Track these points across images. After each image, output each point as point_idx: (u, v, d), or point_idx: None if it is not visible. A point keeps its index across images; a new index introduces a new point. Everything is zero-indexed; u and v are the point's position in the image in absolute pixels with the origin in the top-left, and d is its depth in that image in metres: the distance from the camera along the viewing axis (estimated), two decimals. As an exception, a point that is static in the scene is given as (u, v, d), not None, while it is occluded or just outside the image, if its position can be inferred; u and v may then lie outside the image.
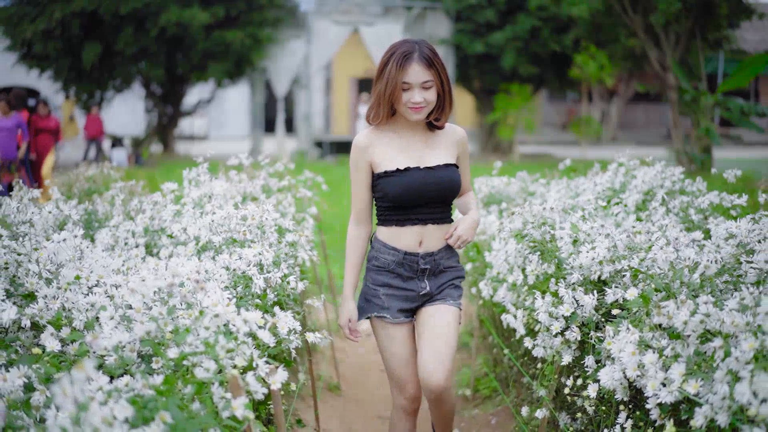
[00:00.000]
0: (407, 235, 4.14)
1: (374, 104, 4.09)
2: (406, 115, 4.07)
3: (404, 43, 4.02)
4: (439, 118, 4.14)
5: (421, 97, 3.99)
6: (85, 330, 3.46)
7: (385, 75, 3.98)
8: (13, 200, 4.81)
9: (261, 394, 3.25)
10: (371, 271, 4.24)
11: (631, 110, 45.13)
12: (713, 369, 2.97)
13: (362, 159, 4.15)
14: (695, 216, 5.57)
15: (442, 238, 4.18)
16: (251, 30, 28.12)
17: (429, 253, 4.16)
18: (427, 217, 4.14)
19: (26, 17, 26.46)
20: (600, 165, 7.20)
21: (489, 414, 6.02)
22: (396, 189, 4.07)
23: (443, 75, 4.05)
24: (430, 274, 4.19)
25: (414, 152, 4.14)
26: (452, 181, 4.14)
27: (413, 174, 4.08)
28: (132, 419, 2.55)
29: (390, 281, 4.18)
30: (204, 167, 6.01)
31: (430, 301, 4.22)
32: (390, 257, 4.16)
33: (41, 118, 15.87)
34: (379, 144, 4.14)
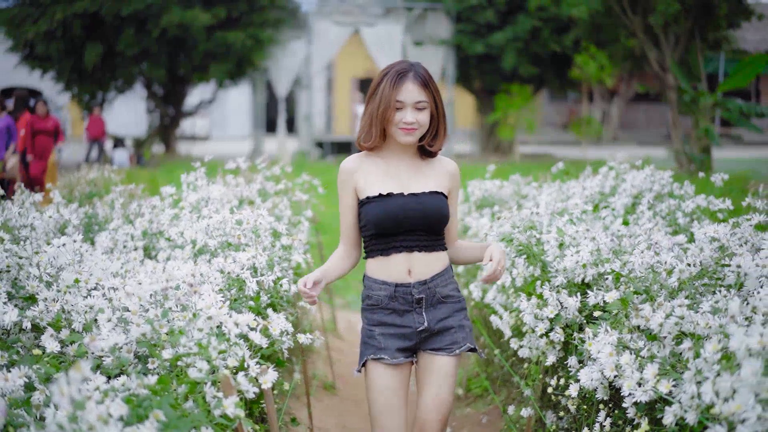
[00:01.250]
0: (395, 264, 3.87)
1: (365, 124, 3.88)
2: (396, 136, 3.85)
3: (400, 63, 3.88)
4: (432, 143, 3.93)
5: (413, 118, 3.80)
6: (83, 332, 3.58)
7: (379, 93, 3.81)
8: (15, 205, 4.92)
9: (252, 393, 3.39)
10: (366, 311, 3.97)
11: (632, 110, 45.21)
12: (686, 369, 3.10)
13: (348, 184, 3.94)
14: (682, 219, 5.68)
15: (433, 265, 3.91)
16: (252, 31, 28.25)
17: (421, 281, 3.88)
18: (413, 244, 3.88)
19: (28, 18, 26.62)
20: (592, 168, 7.31)
21: (480, 413, 6.15)
22: (375, 215, 3.84)
23: (438, 99, 3.88)
24: (427, 305, 3.89)
25: (400, 179, 3.92)
26: (438, 209, 3.89)
27: (395, 200, 3.85)
28: (127, 417, 2.68)
29: (384, 318, 3.90)
30: (201, 171, 6.14)
31: (432, 344, 3.91)
32: (382, 292, 3.89)
33: (39, 119, 15.62)
34: (366, 169, 3.93)
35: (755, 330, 2.58)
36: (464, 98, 36.77)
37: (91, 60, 26.74)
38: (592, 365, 3.65)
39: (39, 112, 15.59)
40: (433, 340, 3.91)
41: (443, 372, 3.90)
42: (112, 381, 2.88)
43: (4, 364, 3.40)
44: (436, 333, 3.90)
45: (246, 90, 39.80)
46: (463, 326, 3.94)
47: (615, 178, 6.73)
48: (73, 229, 5.56)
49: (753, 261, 3.78)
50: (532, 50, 30.34)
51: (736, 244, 4.52)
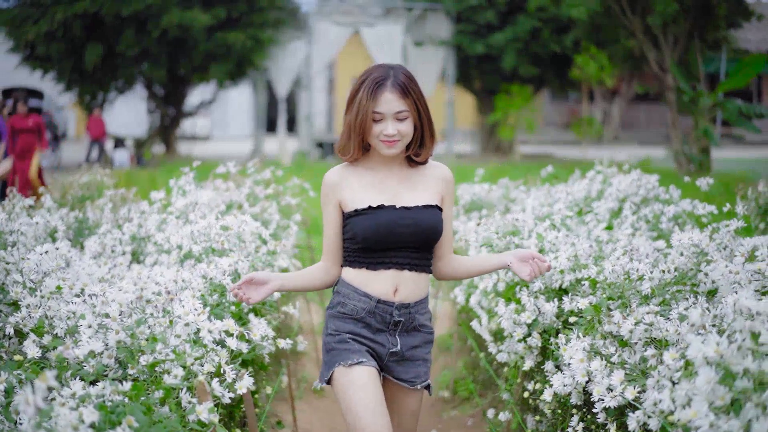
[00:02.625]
0: (380, 280, 3.61)
1: (344, 136, 3.63)
2: (378, 149, 3.59)
3: (378, 68, 3.60)
4: (419, 153, 3.66)
5: (394, 129, 3.52)
6: (66, 337, 3.64)
7: (356, 104, 3.55)
8: (3, 210, 4.98)
9: (227, 398, 3.46)
10: (335, 318, 3.67)
11: (633, 110, 45.26)
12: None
13: (331, 196, 3.67)
14: (665, 224, 5.74)
15: (420, 288, 3.67)
16: (252, 31, 28.33)
17: (404, 304, 3.63)
18: (403, 262, 3.62)
19: (29, 19, 26.72)
20: (580, 171, 7.37)
21: (466, 416, 6.22)
22: (365, 229, 3.57)
23: (420, 105, 3.58)
24: (402, 330, 3.66)
25: (389, 190, 3.65)
26: (432, 224, 3.63)
27: (386, 213, 3.58)
28: (99, 423, 2.75)
29: (357, 330, 3.62)
30: (190, 176, 6.21)
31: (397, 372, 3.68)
32: (360, 304, 3.61)
33: (19, 118, 15.17)
34: (351, 181, 3.66)
35: (712, 339, 2.64)
36: (464, 98, 36.84)
37: (92, 60, 26.83)
38: (565, 371, 3.72)
39: (19, 111, 15.25)
40: (399, 368, 3.68)
41: (409, 410, 3.75)
42: (88, 387, 2.95)
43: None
44: (404, 360, 3.68)
45: (247, 90, 39.92)
46: (426, 361, 3.74)
47: (602, 182, 6.78)
48: (63, 233, 5.63)
49: (726, 267, 3.84)
50: (532, 50, 30.40)
51: (714, 249, 4.60)
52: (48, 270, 3.99)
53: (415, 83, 3.60)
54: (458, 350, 7.16)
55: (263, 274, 3.63)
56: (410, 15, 31.43)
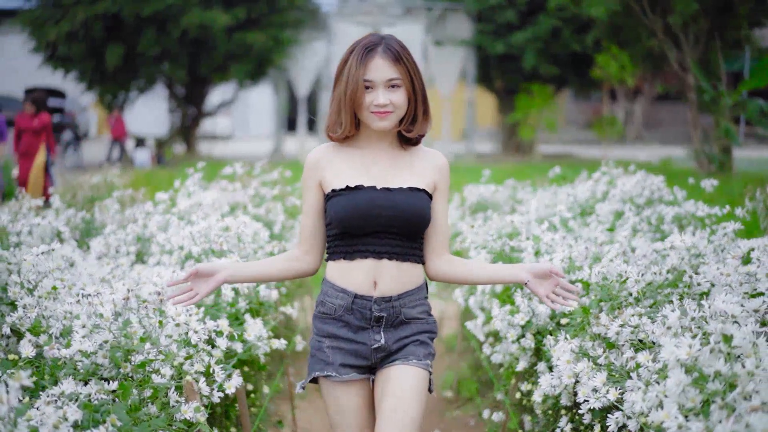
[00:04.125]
0: (358, 272, 3.33)
1: (333, 111, 3.37)
2: (368, 122, 3.32)
3: (369, 36, 3.35)
4: (410, 129, 3.37)
5: (386, 99, 3.25)
6: (61, 337, 3.70)
7: (345, 73, 3.30)
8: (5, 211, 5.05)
9: (216, 397, 3.51)
10: (316, 319, 3.43)
11: (656, 109, 45.07)
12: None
13: (312, 177, 3.41)
14: (667, 226, 5.75)
15: (404, 279, 3.37)
16: (272, 32, 28.41)
17: (385, 297, 3.33)
18: (381, 250, 3.32)
19: (51, 19, 26.93)
20: (590, 172, 7.37)
21: (469, 416, 6.25)
22: (338, 210, 3.29)
23: (414, 74, 3.32)
24: (387, 325, 3.36)
25: (375, 172, 3.37)
26: (415, 208, 3.32)
27: (364, 194, 3.30)
28: (83, 422, 2.81)
29: (336, 331, 3.36)
30: (196, 177, 6.27)
31: (388, 361, 3.39)
32: (338, 301, 3.35)
33: (25, 118, 14.88)
34: (334, 160, 3.39)
35: (685, 341, 2.67)
36: (485, 98, 36.82)
37: (113, 60, 26.99)
38: (553, 372, 3.75)
39: (25, 111, 14.97)
40: (390, 357, 3.38)
41: (407, 384, 3.33)
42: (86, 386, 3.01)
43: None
44: (395, 351, 3.37)
45: (268, 90, 40.03)
46: (425, 343, 3.41)
47: (608, 183, 6.79)
48: (68, 235, 5.70)
49: (718, 270, 3.85)
50: (553, 50, 30.34)
51: (711, 251, 4.62)
52: (46, 270, 4.04)
53: (409, 53, 3.33)
54: (462, 351, 7.20)
55: (209, 265, 3.37)
56: (430, 15, 31.45)
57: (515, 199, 7.54)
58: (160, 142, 29.87)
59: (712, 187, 6.11)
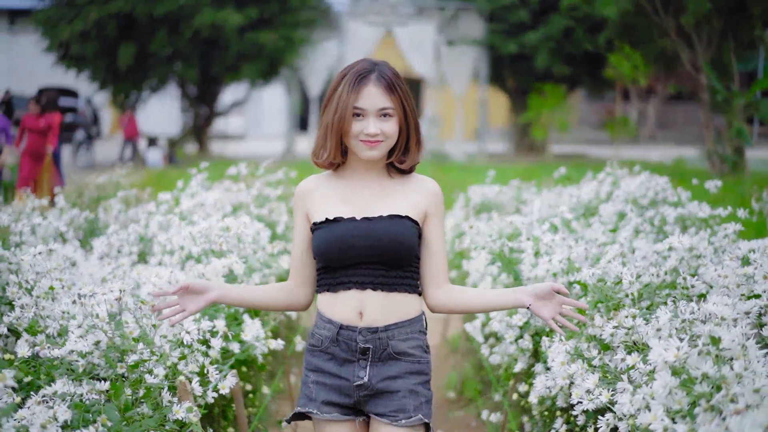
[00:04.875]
0: (342, 302, 3.18)
1: (320, 137, 3.22)
2: (356, 150, 3.17)
3: (361, 62, 3.21)
4: (402, 160, 3.24)
5: (376, 128, 3.12)
6: (59, 337, 3.72)
7: (335, 99, 3.15)
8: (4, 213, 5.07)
9: (210, 397, 3.53)
10: (307, 352, 3.31)
11: (669, 109, 44.96)
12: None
13: (300, 209, 3.31)
14: (670, 227, 5.73)
15: (393, 310, 3.19)
16: (284, 31, 28.46)
17: (371, 328, 3.16)
18: (364, 280, 3.17)
19: (63, 19, 27.07)
20: (593, 173, 7.37)
21: (471, 416, 6.25)
22: (319, 244, 3.19)
23: (407, 104, 3.20)
24: (374, 358, 3.17)
25: (358, 202, 3.23)
26: (395, 236, 3.16)
27: (342, 225, 3.17)
28: (73, 422, 2.82)
29: (322, 365, 3.22)
30: (199, 178, 6.29)
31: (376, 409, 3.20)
32: (325, 332, 3.21)
33: (31, 118, 14.61)
34: (321, 192, 3.27)
35: (673, 343, 2.66)
36: (497, 98, 36.78)
37: (125, 60, 27.08)
38: (548, 373, 3.75)
39: (30, 111, 14.69)
40: (375, 402, 3.19)
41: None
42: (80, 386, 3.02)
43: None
44: (379, 394, 3.18)
45: (281, 89, 40.08)
46: (416, 393, 3.19)
47: (612, 184, 6.78)
48: (72, 235, 5.73)
49: (716, 271, 3.85)
50: (566, 50, 30.29)
51: (712, 252, 4.61)
52: (43, 270, 4.06)
53: (402, 81, 3.21)
54: (465, 351, 7.20)
55: (201, 282, 3.21)
56: (443, 14, 31.43)
57: (520, 200, 7.53)
58: (172, 141, 29.93)
59: (717, 188, 6.10)
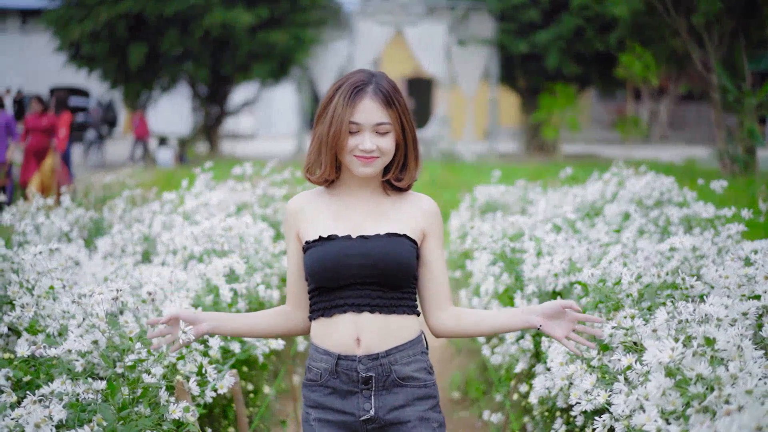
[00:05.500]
0: (338, 328, 2.98)
1: (313, 152, 3.05)
2: (351, 166, 3.01)
3: (357, 73, 3.05)
4: (400, 178, 3.08)
5: (372, 144, 2.95)
6: (59, 336, 3.73)
7: (330, 112, 2.98)
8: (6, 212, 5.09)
9: (209, 397, 3.53)
10: (305, 387, 3.08)
11: (682, 109, 44.81)
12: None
13: (291, 227, 3.12)
14: (675, 227, 5.72)
15: (392, 333, 2.99)
16: (295, 31, 28.47)
17: (371, 354, 2.97)
18: (361, 302, 2.97)
19: (74, 19, 27.15)
20: (599, 173, 7.36)
21: (475, 416, 6.24)
22: (311, 264, 3.00)
23: (405, 118, 3.03)
24: (378, 387, 2.97)
25: (353, 221, 3.06)
26: (393, 255, 2.98)
27: (336, 244, 2.99)
28: (68, 421, 2.83)
29: (324, 400, 3.01)
30: (204, 177, 6.30)
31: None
32: (322, 364, 3.00)
33: (34, 117, 14.50)
34: (313, 209, 3.09)
35: (668, 344, 2.66)
36: (508, 97, 36.73)
37: (136, 60, 27.14)
38: (547, 374, 3.75)
39: (34, 110, 14.60)
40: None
41: None
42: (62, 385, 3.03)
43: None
44: (388, 426, 2.99)
45: (292, 89, 40.13)
46: (427, 420, 3.01)
47: (618, 184, 6.77)
48: (76, 234, 5.75)
49: (717, 272, 3.84)
50: (576, 49, 30.22)
51: (715, 253, 4.60)
52: (44, 270, 4.06)
53: (401, 95, 3.03)
54: (470, 351, 7.19)
55: (190, 314, 3.04)
56: (453, 14, 31.39)
57: (526, 200, 7.52)
58: (182, 141, 29.99)
59: (722, 188, 6.08)
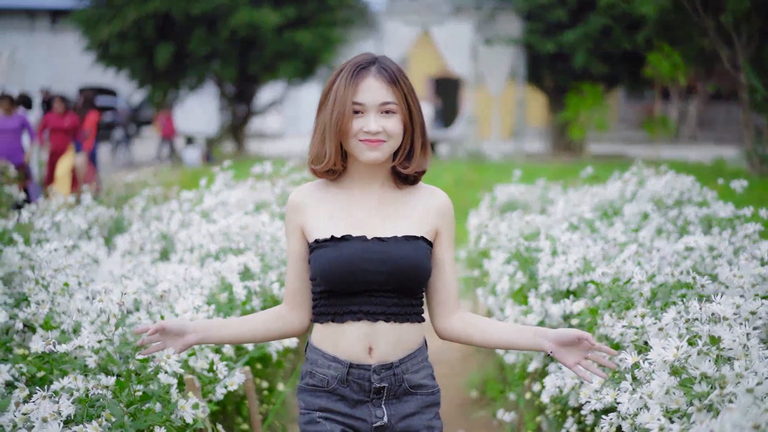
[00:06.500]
0: (350, 336, 2.82)
1: (317, 140, 2.87)
2: (356, 153, 2.82)
3: (361, 55, 2.92)
4: (406, 165, 2.88)
5: (378, 125, 2.77)
6: (74, 333, 3.76)
7: (332, 95, 2.83)
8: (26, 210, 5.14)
9: (220, 394, 3.56)
10: (305, 392, 2.90)
11: (711, 108, 44.53)
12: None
13: (293, 222, 2.91)
14: (693, 227, 5.70)
15: (404, 342, 2.86)
16: (321, 31, 28.54)
17: (385, 364, 2.83)
18: (376, 311, 2.81)
19: (103, 19, 27.41)
20: (619, 172, 7.33)
21: (493, 416, 6.24)
22: (323, 265, 2.80)
23: (412, 100, 2.84)
24: (389, 396, 2.86)
25: (365, 217, 2.87)
26: (413, 261, 2.83)
27: (351, 245, 2.80)
28: (77, 416, 2.86)
29: (331, 406, 2.85)
30: (223, 176, 6.33)
31: None
32: (330, 371, 2.84)
33: (55, 117, 14.34)
34: (318, 203, 2.89)
35: (672, 343, 2.66)
36: (535, 97, 36.64)
37: (163, 59, 27.32)
38: (558, 373, 3.75)
39: (56, 110, 14.43)
40: None
41: None
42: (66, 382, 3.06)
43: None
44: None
45: (319, 88, 40.17)
46: (431, 428, 2.93)
47: (638, 184, 6.74)
48: (96, 232, 5.80)
49: (731, 271, 3.82)
50: (604, 49, 30.09)
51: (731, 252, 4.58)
52: (59, 267, 4.10)
53: (406, 76, 2.87)
54: (488, 350, 7.17)
55: (178, 324, 2.89)
56: (480, 13, 31.34)
57: (546, 200, 7.51)
58: (210, 140, 30.13)
59: (742, 188, 6.05)
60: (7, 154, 13.12)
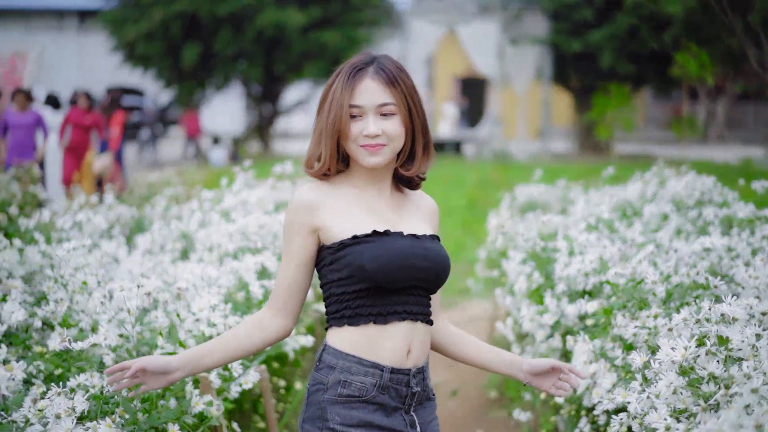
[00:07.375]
0: (393, 338, 2.68)
1: (314, 142, 2.77)
2: (357, 157, 2.72)
3: (360, 55, 2.79)
4: (408, 167, 2.79)
5: (377, 128, 2.67)
6: (92, 331, 3.81)
7: (329, 98, 2.72)
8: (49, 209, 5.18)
9: (234, 392, 3.59)
10: (337, 405, 2.66)
11: (739, 109, 44.21)
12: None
13: (304, 222, 2.72)
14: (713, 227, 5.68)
15: (428, 346, 2.79)
16: (347, 31, 28.60)
17: (419, 368, 2.74)
18: (416, 310, 2.71)
19: (130, 19, 27.62)
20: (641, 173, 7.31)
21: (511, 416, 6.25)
22: (374, 260, 2.62)
23: (413, 100, 2.74)
24: (416, 403, 2.75)
25: (387, 215, 2.77)
26: (447, 258, 2.77)
27: (397, 241, 2.68)
28: (91, 413, 2.90)
29: (371, 418, 2.66)
30: (244, 176, 6.37)
31: None
32: (369, 379, 2.66)
33: (78, 113, 14.33)
34: (332, 202, 2.73)
35: (681, 343, 2.66)
36: (561, 96, 36.54)
37: (189, 59, 27.48)
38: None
39: (80, 106, 14.41)
40: None
41: None
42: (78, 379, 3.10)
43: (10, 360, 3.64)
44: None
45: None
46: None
47: (659, 184, 6.73)
48: (118, 230, 5.85)
49: (746, 273, 3.82)
50: (630, 48, 29.95)
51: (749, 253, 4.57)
52: (79, 265, 4.14)
53: (407, 75, 2.75)
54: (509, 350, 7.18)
55: (160, 363, 2.66)
56: (506, 13, 31.29)
57: (567, 200, 7.50)
58: (236, 140, 30.24)
59: (763, 188, 6.02)
60: (19, 151, 13.19)
